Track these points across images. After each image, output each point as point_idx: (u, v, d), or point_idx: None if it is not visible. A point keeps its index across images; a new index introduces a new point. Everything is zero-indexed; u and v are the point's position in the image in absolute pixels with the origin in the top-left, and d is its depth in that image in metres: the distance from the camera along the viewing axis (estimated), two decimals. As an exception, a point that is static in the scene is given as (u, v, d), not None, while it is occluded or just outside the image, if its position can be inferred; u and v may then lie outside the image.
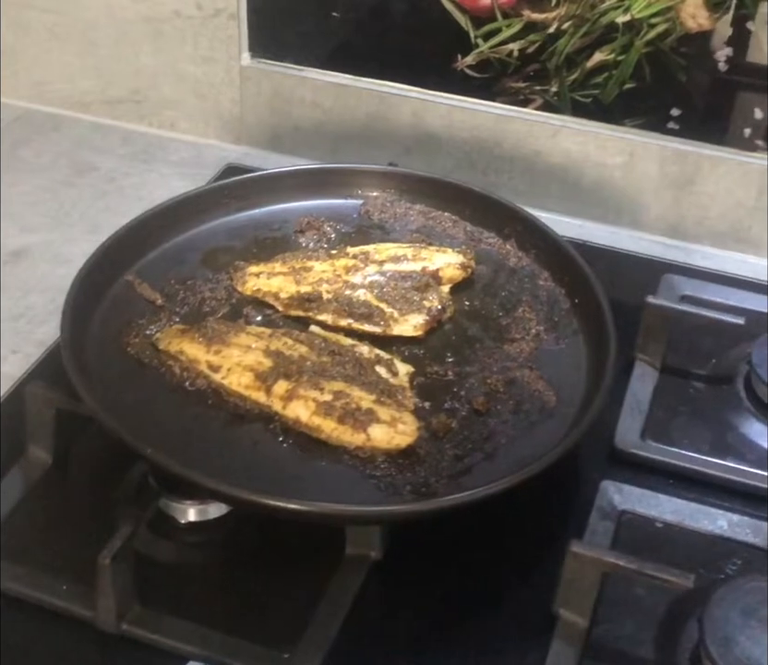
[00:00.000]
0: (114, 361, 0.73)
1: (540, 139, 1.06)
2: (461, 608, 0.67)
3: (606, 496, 0.74)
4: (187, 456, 0.66)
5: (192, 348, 0.73)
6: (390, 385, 0.72)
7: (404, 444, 0.68)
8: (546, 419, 0.73)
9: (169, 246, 0.85)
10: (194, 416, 0.70)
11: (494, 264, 0.87)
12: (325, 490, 0.66)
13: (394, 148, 1.08)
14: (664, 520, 0.74)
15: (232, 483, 0.62)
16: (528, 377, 0.76)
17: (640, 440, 0.79)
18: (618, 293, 0.94)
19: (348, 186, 0.92)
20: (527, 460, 0.68)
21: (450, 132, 1.07)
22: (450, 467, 0.68)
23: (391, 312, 0.79)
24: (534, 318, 0.82)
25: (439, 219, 0.91)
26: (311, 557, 0.67)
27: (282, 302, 0.80)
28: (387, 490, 0.66)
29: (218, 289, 0.81)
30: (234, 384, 0.71)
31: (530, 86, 1.05)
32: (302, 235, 0.88)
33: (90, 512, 0.69)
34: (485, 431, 0.71)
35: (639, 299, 0.93)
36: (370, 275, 0.82)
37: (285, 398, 0.69)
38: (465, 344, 0.79)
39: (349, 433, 0.68)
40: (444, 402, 0.73)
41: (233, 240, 0.87)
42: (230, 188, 0.90)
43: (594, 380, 0.75)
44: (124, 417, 0.67)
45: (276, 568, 0.67)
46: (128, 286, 0.80)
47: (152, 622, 0.62)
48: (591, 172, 1.06)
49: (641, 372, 0.85)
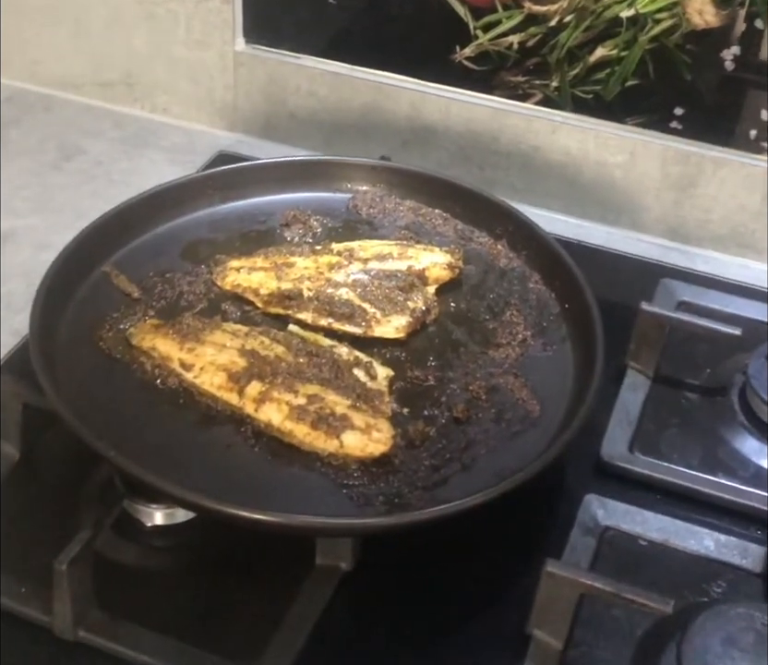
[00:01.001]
0: (85, 356, 0.71)
1: (539, 135, 1.03)
2: (432, 624, 0.65)
3: (590, 511, 0.72)
4: (154, 459, 0.64)
5: (165, 345, 0.71)
6: (367, 390, 0.70)
7: (378, 453, 0.66)
8: (529, 429, 0.71)
9: (149, 237, 0.82)
10: (164, 415, 0.68)
11: (483, 265, 0.85)
12: (295, 499, 0.64)
13: (390, 140, 1.06)
14: (648, 538, 0.71)
15: (195, 490, 0.60)
16: (512, 384, 0.74)
17: (627, 452, 0.77)
18: (613, 296, 0.92)
19: (337, 179, 0.90)
20: (506, 472, 0.66)
21: (447, 125, 1.05)
22: (426, 478, 0.66)
23: (374, 313, 0.76)
24: (522, 322, 0.79)
25: (429, 216, 0.89)
26: (280, 566, 0.65)
27: (262, 299, 0.78)
28: (359, 501, 0.64)
29: (197, 283, 0.79)
30: (207, 384, 0.69)
31: (530, 80, 1.03)
32: (287, 228, 0.86)
33: (55, 510, 0.67)
34: (463, 441, 0.69)
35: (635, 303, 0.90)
36: (354, 273, 0.79)
37: (258, 400, 0.67)
38: (449, 347, 0.77)
39: (322, 439, 0.66)
40: (423, 408, 0.71)
41: (215, 232, 0.85)
42: (215, 179, 0.87)
43: (580, 391, 0.72)
44: (90, 415, 0.65)
45: (244, 576, 0.65)
46: (105, 278, 0.78)
47: (111, 629, 0.60)
48: (590, 170, 1.03)
49: (632, 381, 0.83)
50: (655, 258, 0.99)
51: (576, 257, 1.00)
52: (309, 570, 0.64)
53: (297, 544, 0.65)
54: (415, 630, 0.64)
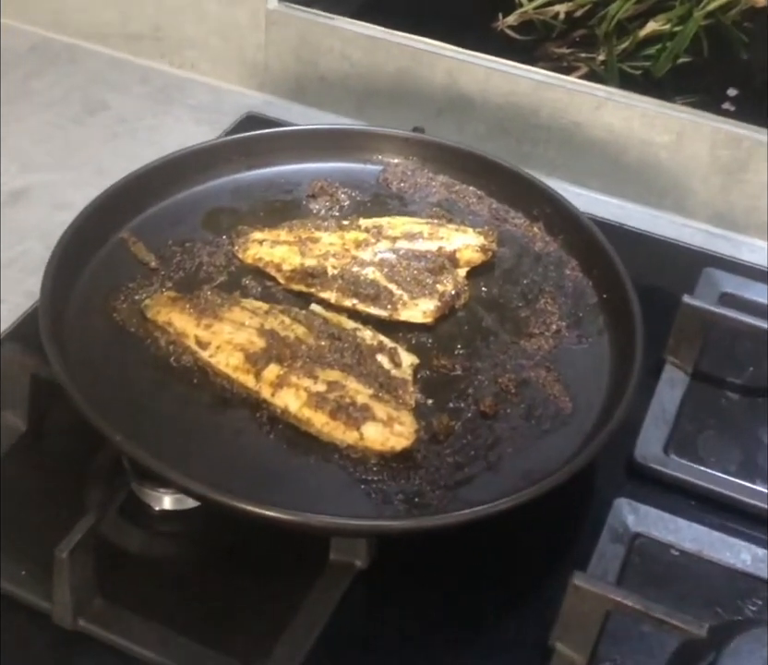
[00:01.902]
0: (98, 327, 0.68)
1: (582, 111, 0.99)
2: (448, 629, 0.62)
3: (620, 515, 0.68)
4: (163, 442, 0.61)
5: (181, 320, 0.68)
6: (390, 378, 0.66)
7: (400, 447, 0.62)
8: (560, 428, 0.67)
9: (170, 203, 0.79)
10: (176, 396, 0.65)
11: (518, 248, 0.81)
12: (310, 492, 0.61)
13: (424, 108, 1.02)
14: (681, 548, 0.68)
15: (203, 481, 0.56)
16: (544, 378, 0.70)
17: (662, 453, 0.73)
18: (653, 283, 0.89)
19: (368, 150, 0.86)
20: (534, 474, 0.63)
21: (485, 96, 1.00)
22: (449, 476, 0.62)
23: (401, 295, 0.73)
24: (557, 311, 0.75)
25: (463, 193, 0.84)
26: (293, 559, 0.62)
27: (284, 274, 0.74)
28: (377, 498, 0.61)
29: (217, 254, 0.76)
30: (222, 364, 0.66)
31: (575, 52, 0.98)
32: (314, 200, 0.82)
33: (60, 488, 0.64)
34: (490, 437, 0.66)
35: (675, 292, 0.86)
36: (381, 252, 0.75)
37: (275, 385, 0.64)
38: (478, 335, 0.73)
39: (341, 430, 0.62)
40: (448, 400, 0.67)
41: (239, 201, 0.81)
42: (240, 144, 0.84)
43: (615, 390, 0.69)
44: (99, 391, 0.62)
45: (254, 568, 0.62)
46: (122, 244, 0.75)
47: (112, 619, 0.57)
48: (634, 149, 0.99)
49: (669, 377, 0.79)
50: (699, 244, 0.95)
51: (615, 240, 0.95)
52: (323, 566, 0.61)
53: (311, 539, 0.61)
54: (431, 635, 0.61)
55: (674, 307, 0.80)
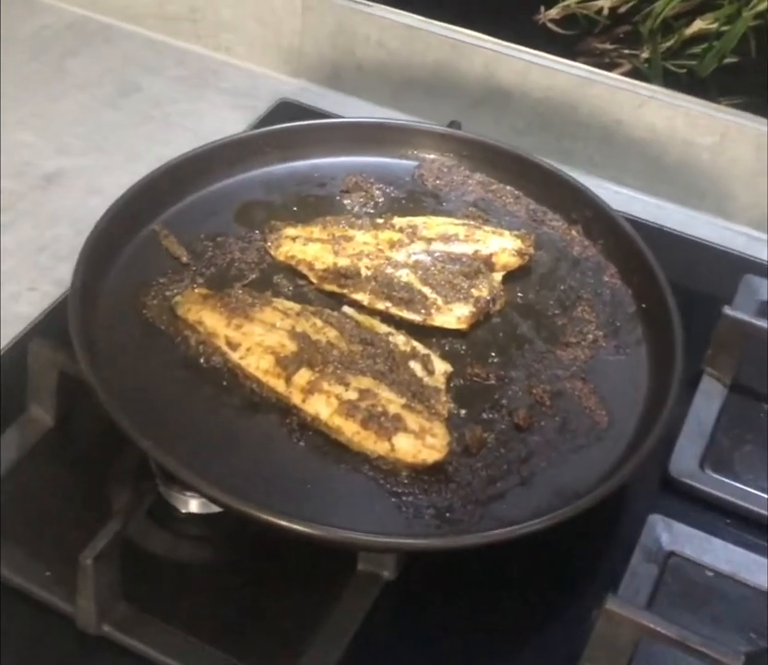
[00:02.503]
0: (128, 325, 0.67)
1: (624, 108, 0.96)
2: (475, 645, 0.60)
3: (653, 533, 0.67)
4: (191, 446, 0.60)
5: (212, 319, 0.67)
6: (423, 386, 0.65)
7: (431, 460, 0.61)
8: (595, 443, 0.66)
9: (202, 195, 0.78)
10: (205, 398, 0.64)
11: (555, 251, 0.79)
12: (339, 503, 0.60)
13: (461, 100, 1.00)
14: (715, 568, 0.66)
15: (230, 488, 0.55)
16: (579, 390, 0.69)
17: (698, 469, 0.72)
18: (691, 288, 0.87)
19: (403, 144, 0.84)
20: (567, 491, 0.62)
21: (524, 90, 0.98)
22: (481, 491, 0.61)
23: (435, 299, 0.71)
24: (594, 320, 0.74)
25: (500, 193, 0.83)
26: (320, 568, 0.61)
27: (317, 274, 0.73)
28: (407, 511, 0.59)
29: (249, 250, 0.75)
30: (253, 367, 0.65)
31: (618, 49, 0.96)
32: (347, 195, 0.81)
33: (87, 486, 0.64)
34: (523, 451, 0.64)
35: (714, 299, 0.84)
36: (416, 253, 0.74)
37: (306, 391, 0.63)
38: (513, 343, 0.71)
39: (372, 440, 0.61)
40: (482, 411, 0.66)
41: (272, 194, 0.80)
42: (273, 136, 0.82)
43: (653, 405, 0.67)
44: (128, 391, 0.62)
45: (280, 576, 0.61)
46: (154, 237, 0.74)
47: (137, 625, 0.56)
48: (676, 150, 0.96)
49: (707, 388, 0.77)
50: (739, 249, 0.93)
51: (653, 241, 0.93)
52: (350, 576, 0.60)
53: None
54: (459, 652, 0.60)
55: (712, 314, 0.78)
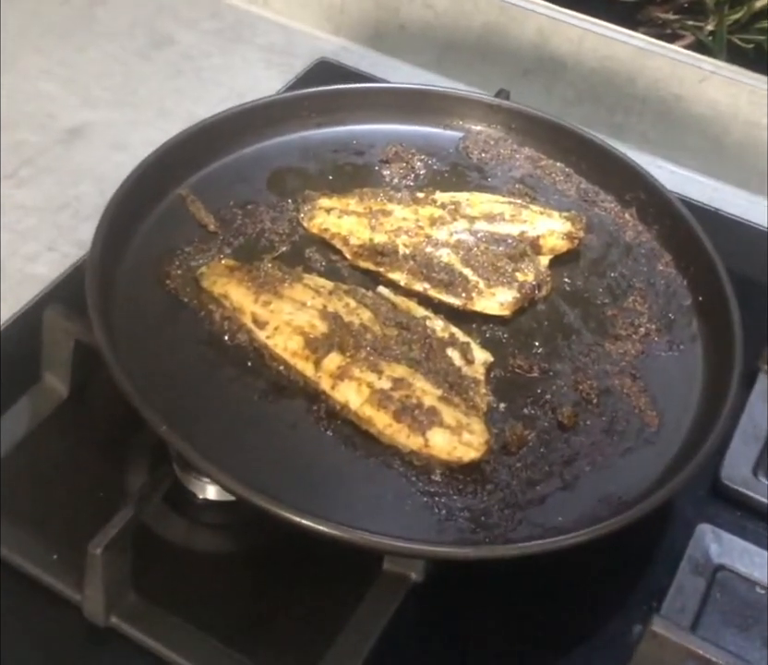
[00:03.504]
0: (149, 295, 0.63)
1: (684, 83, 0.91)
2: (507, 657, 0.57)
3: (702, 544, 0.63)
4: (212, 431, 0.56)
5: (239, 293, 0.63)
6: (461, 377, 0.60)
7: (467, 458, 0.57)
8: (644, 446, 0.61)
9: (234, 159, 0.73)
10: (228, 379, 0.60)
11: (607, 235, 0.74)
12: (367, 499, 0.55)
13: (510, 67, 0.95)
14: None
15: (251, 481, 0.51)
16: (629, 388, 0.64)
17: (751, 475, 0.67)
18: (748, 275, 0.82)
19: (448, 114, 0.79)
20: (612, 499, 0.57)
21: (578, 59, 0.93)
22: (520, 494, 0.57)
23: (476, 282, 0.67)
24: (646, 312, 0.69)
25: (550, 169, 0.78)
26: (344, 566, 0.57)
27: (351, 249, 0.68)
28: (439, 513, 0.55)
29: (281, 220, 0.70)
30: (280, 348, 0.60)
31: (681, 20, 0.90)
32: (387, 166, 0.76)
33: (101, 464, 0.60)
34: (567, 452, 0.60)
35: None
36: (458, 232, 0.69)
37: (336, 376, 0.59)
38: (559, 333, 0.67)
39: (404, 434, 0.57)
40: (523, 406, 0.62)
41: (307, 161, 0.75)
42: (311, 99, 0.77)
43: (708, 408, 0.62)
44: (146, 369, 0.58)
45: (301, 571, 0.57)
46: (180, 203, 0.70)
47: (147, 618, 0.53)
48: (738, 129, 0.91)
49: (763, 388, 0.73)
50: (802, 238, 0.87)
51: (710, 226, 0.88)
52: (375, 575, 0.56)
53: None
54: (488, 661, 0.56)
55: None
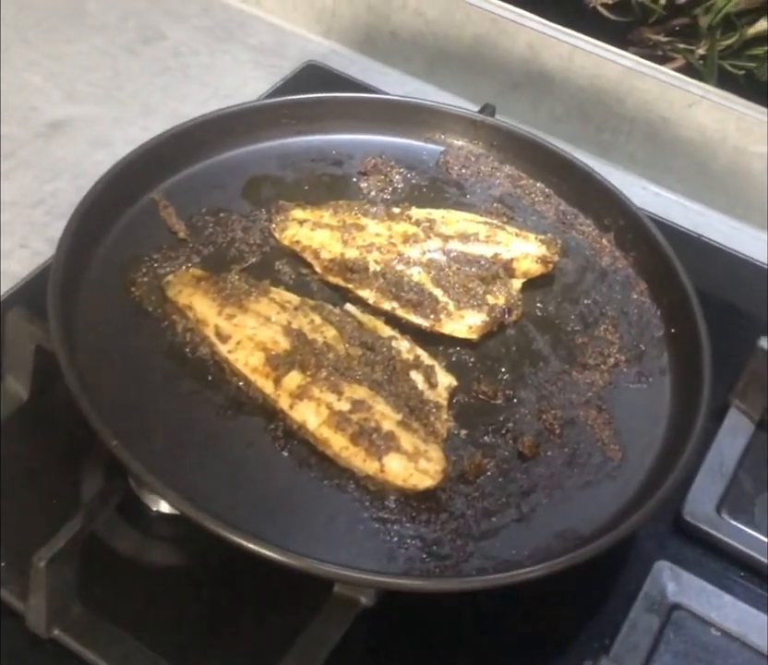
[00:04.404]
0: (113, 303, 0.63)
1: (673, 106, 0.90)
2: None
3: (659, 582, 0.62)
4: (166, 445, 0.56)
5: (203, 305, 0.62)
6: (423, 401, 0.60)
7: (423, 486, 0.56)
8: (604, 481, 0.61)
9: (210, 164, 0.73)
10: (187, 393, 0.59)
11: (583, 260, 0.73)
12: (318, 523, 0.55)
13: (499, 80, 0.94)
14: (723, 628, 0.61)
15: (200, 502, 0.51)
16: (594, 419, 0.63)
17: (714, 513, 0.67)
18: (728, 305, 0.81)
19: (430, 127, 0.79)
20: (568, 534, 0.57)
21: (567, 75, 0.92)
22: (474, 524, 0.56)
23: (446, 303, 0.66)
24: (617, 342, 0.68)
25: (529, 189, 0.77)
26: (294, 586, 0.56)
27: (322, 263, 0.68)
28: (391, 540, 0.55)
29: (253, 230, 0.70)
30: (241, 363, 0.60)
31: (672, 42, 0.89)
32: (365, 178, 0.75)
33: (56, 471, 0.60)
34: (526, 483, 0.59)
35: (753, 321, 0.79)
36: (431, 251, 0.69)
37: (295, 395, 0.58)
38: (527, 360, 0.66)
39: (361, 458, 0.56)
40: (485, 433, 0.61)
41: (285, 170, 0.75)
42: (292, 107, 0.77)
43: (673, 444, 0.62)
44: (104, 379, 0.58)
45: (251, 589, 0.57)
46: (153, 207, 0.69)
47: (90, 631, 0.53)
48: (725, 155, 0.90)
49: (733, 423, 0.72)
50: (783, 269, 0.87)
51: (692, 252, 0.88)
52: (325, 598, 0.56)
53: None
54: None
55: (749, 339, 0.72)
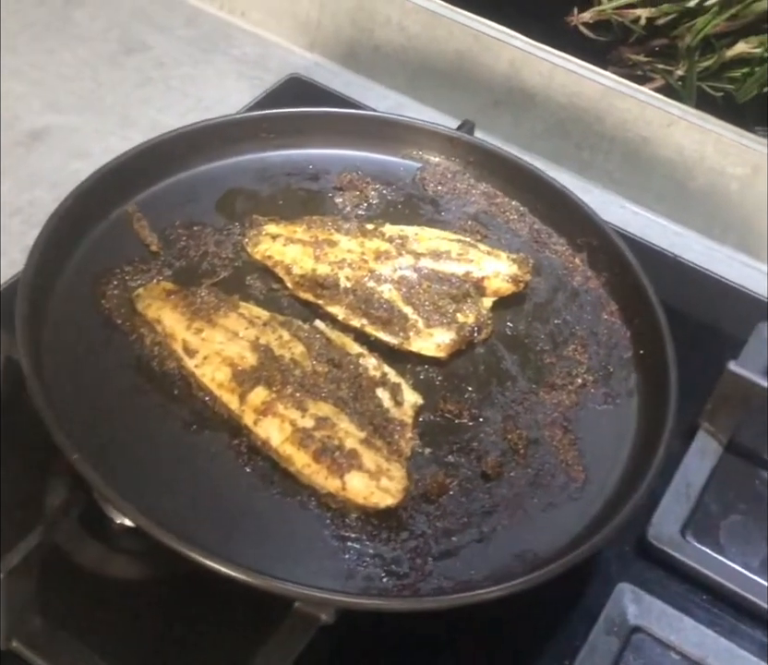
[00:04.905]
0: (83, 314, 0.63)
1: (651, 126, 0.91)
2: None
3: (620, 604, 0.63)
4: (129, 460, 0.56)
5: (172, 319, 0.63)
6: (387, 419, 0.60)
7: (383, 504, 0.57)
8: (567, 503, 0.61)
9: (187, 177, 0.73)
10: (152, 406, 0.60)
11: (555, 280, 0.74)
12: (278, 539, 0.55)
13: (480, 97, 0.95)
14: (683, 651, 0.62)
15: (152, 518, 0.51)
16: (559, 440, 0.64)
17: (679, 536, 0.67)
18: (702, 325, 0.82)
19: (407, 143, 0.79)
20: (528, 555, 0.57)
21: (548, 93, 0.93)
22: (434, 544, 0.57)
23: (415, 321, 0.66)
24: (586, 362, 0.69)
25: (504, 207, 0.78)
26: (255, 600, 0.57)
27: (293, 279, 0.68)
28: (350, 558, 0.55)
29: (225, 244, 0.70)
30: (207, 378, 0.60)
31: (652, 62, 0.90)
32: (340, 193, 0.76)
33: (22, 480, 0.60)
34: (487, 503, 0.60)
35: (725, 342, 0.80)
36: (402, 268, 0.69)
37: (260, 411, 0.59)
38: (494, 379, 0.67)
39: (323, 475, 0.57)
40: (449, 452, 0.62)
41: (260, 183, 0.75)
42: (270, 121, 0.77)
43: (635, 468, 0.62)
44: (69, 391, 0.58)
45: (211, 603, 0.57)
46: (126, 219, 0.70)
47: (49, 643, 0.53)
48: (703, 177, 0.91)
49: (701, 446, 0.73)
50: (759, 291, 0.87)
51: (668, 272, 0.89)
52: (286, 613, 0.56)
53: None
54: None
55: (720, 360, 0.73)
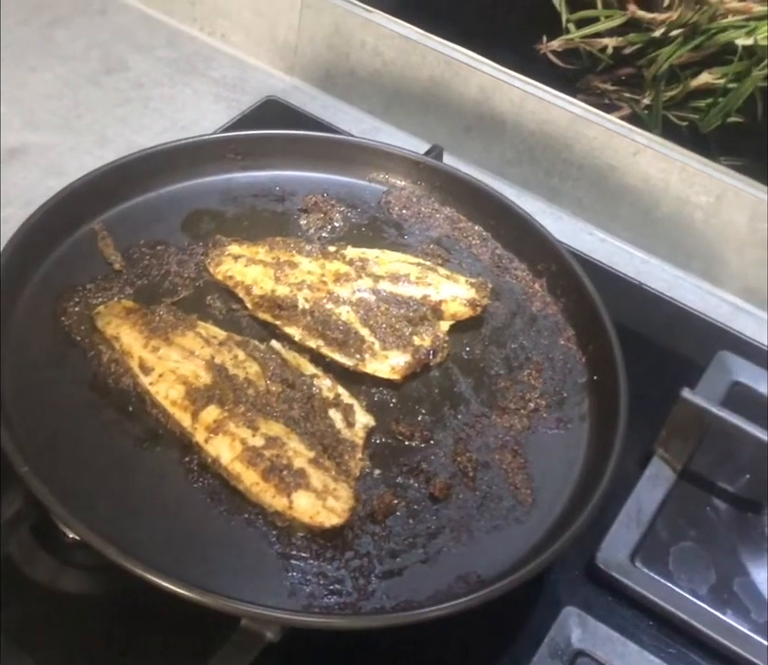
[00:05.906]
0: (43, 329, 0.65)
1: (618, 154, 0.92)
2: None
3: (565, 627, 0.63)
4: (80, 475, 0.58)
5: (130, 337, 0.64)
6: (338, 440, 0.62)
7: (329, 524, 0.58)
8: (512, 525, 0.62)
9: (152, 197, 0.75)
10: (106, 422, 0.61)
11: (514, 304, 0.75)
12: (225, 556, 0.57)
13: (452, 121, 0.96)
14: (625, 676, 0.63)
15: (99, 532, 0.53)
16: (508, 464, 0.65)
17: (628, 561, 0.68)
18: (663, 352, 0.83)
19: (374, 167, 0.81)
20: (471, 577, 0.58)
21: (518, 120, 0.94)
22: (379, 564, 0.58)
23: (371, 343, 0.68)
24: (540, 387, 0.70)
25: (467, 232, 0.79)
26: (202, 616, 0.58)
27: (252, 299, 0.70)
28: (294, 577, 0.56)
29: (188, 264, 0.72)
30: (161, 395, 0.62)
31: (619, 91, 0.91)
32: (305, 215, 0.77)
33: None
34: (433, 524, 0.61)
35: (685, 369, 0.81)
36: (361, 291, 0.71)
37: (211, 429, 0.60)
38: (448, 401, 0.68)
39: (270, 494, 0.58)
40: (398, 474, 0.63)
41: (227, 204, 0.77)
42: (238, 142, 0.79)
43: (584, 490, 0.63)
44: (25, 406, 0.59)
45: (159, 618, 0.58)
46: (92, 237, 0.71)
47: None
48: (669, 205, 0.92)
49: (655, 472, 0.74)
50: (722, 319, 0.88)
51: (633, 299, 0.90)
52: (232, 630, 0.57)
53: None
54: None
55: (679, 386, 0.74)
